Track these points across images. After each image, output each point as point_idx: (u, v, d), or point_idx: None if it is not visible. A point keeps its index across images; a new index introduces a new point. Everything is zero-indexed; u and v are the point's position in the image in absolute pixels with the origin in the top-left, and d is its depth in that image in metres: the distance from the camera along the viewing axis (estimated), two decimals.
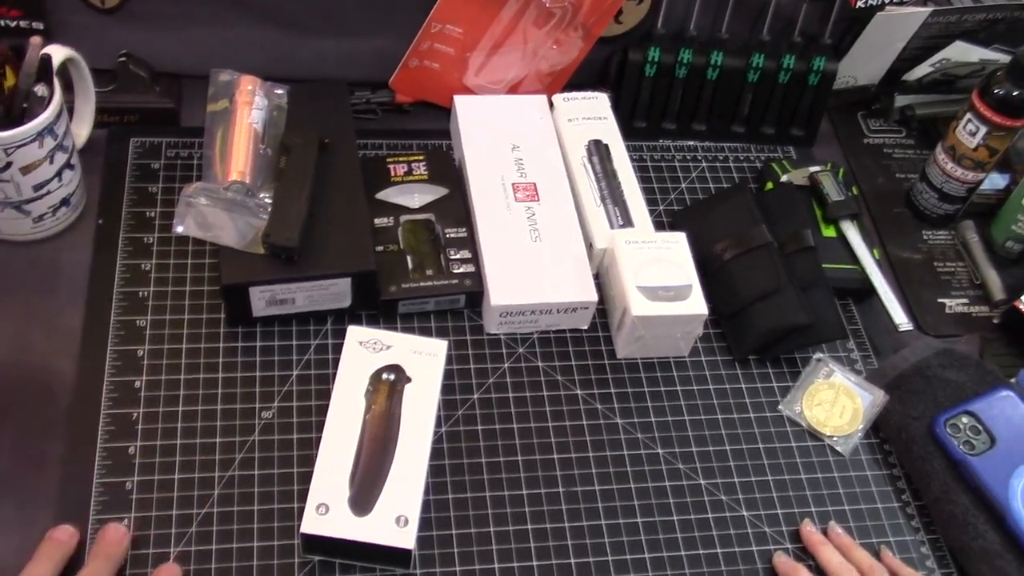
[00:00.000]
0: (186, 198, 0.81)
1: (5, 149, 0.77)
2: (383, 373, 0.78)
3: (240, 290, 0.80)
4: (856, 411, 0.86)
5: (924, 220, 1.03)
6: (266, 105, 0.88)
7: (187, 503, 0.74)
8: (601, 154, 0.95)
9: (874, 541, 0.81)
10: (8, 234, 0.85)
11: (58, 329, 0.81)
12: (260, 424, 0.79)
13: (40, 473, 0.74)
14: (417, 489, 0.72)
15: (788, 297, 0.86)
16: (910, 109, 1.11)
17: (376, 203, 0.89)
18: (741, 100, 1.04)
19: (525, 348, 0.87)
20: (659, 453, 0.82)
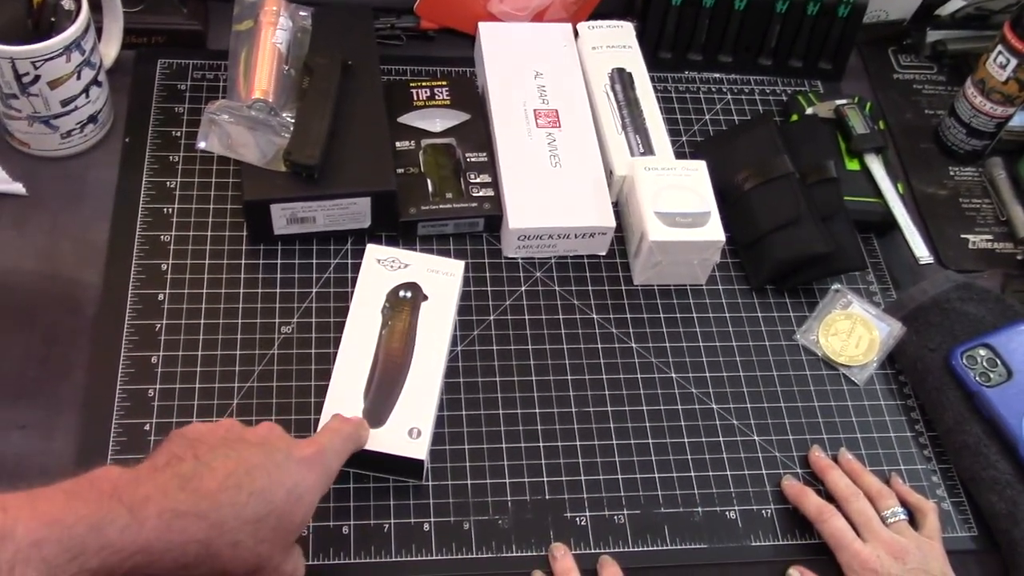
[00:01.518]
0: (209, 115, 0.82)
1: (33, 62, 0.78)
2: (400, 290, 0.79)
3: (261, 207, 0.81)
4: (872, 342, 0.86)
5: (951, 156, 1.02)
6: (290, 26, 0.88)
7: (207, 411, 0.76)
8: (624, 82, 0.95)
9: (885, 469, 0.81)
10: (37, 149, 0.86)
11: (85, 242, 0.83)
12: (279, 338, 0.80)
13: (66, 379, 0.76)
14: (431, 403, 0.74)
15: (807, 227, 0.86)
16: (942, 44, 1.09)
17: (398, 127, 0.90)
18: (769, 32, 1.03)
19: (542, 272, 0.87)
20: (673, 377, 0.83)
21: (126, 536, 0.52)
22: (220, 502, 0.56)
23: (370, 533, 0.72)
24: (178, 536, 0.54)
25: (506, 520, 0.74)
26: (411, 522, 0.73)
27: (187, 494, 0.55)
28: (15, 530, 0.49)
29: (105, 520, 0.51)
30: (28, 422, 0.74)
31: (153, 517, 0.53)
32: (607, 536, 0.75)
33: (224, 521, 0.55)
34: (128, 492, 0.53)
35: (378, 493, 0.74)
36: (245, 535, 0.56)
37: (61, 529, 0.50)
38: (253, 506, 0.56)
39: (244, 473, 0.57)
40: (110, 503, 0.52)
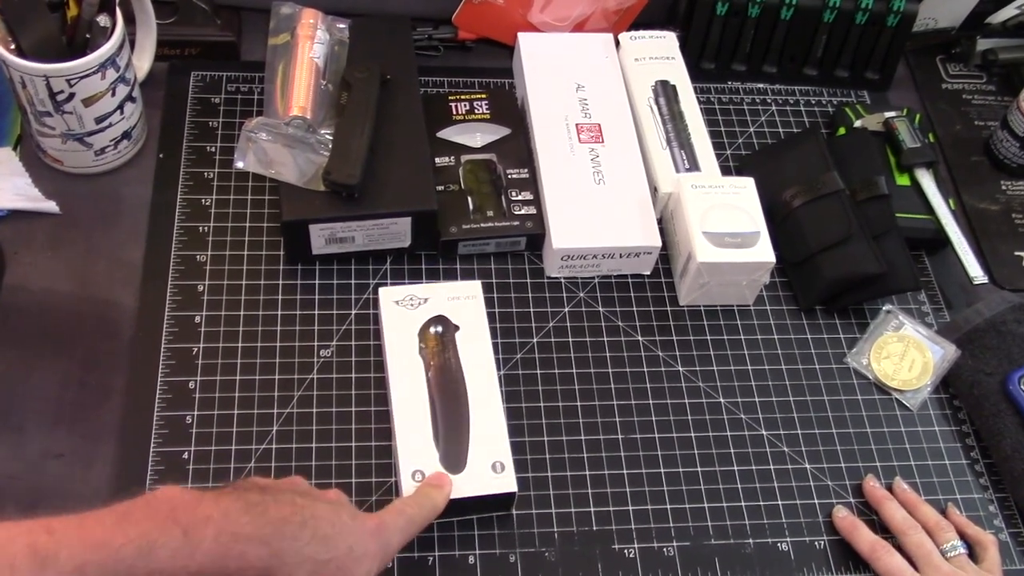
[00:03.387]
0: (247, 133, 0.80)
1: (68, 80, 0.77)
2: (430, 327, 0.77)
3: (300, 227, 0.79)
4: (926, 365, 0.84)
5: (1003, 170, 0.99)
6: (328, 40, 0.86)
7: (246, 438, 0.74)
8: (668, 95, 0.93)
9: (940, 498, 0.79)
10: (71, 166, 0.85)
11: (120, 262, 0.81)
12: (319, 362, 0.78)
13: (103, 405, 0.75)
14: (502, 431, 0.72)
15: (859, 246, 0.84)
16: (992, 53, 1.06)
17: (437, 142, 0.88)
18: (815, 41, 1.00)
19: (586, 292, 0.85)
20: (721, 402, 0.81)
21: (177, 560, 0.50)
22: (284, 533, 0.54)
23: (414, 565, 0.71)
24: (235, 562, 0.52)
25: (553, 552, 0.72)
26: (455, 554, 0.71)
27: (251, 517, 0.53)
28: (58, 554, 0.48)
29: (157, 543, 0.50)
30: (66, 450, 0.72)
31: (210, 539, 0.51)
32: (656, 569, 0.73)
33: (285, 552, 0.54)
34: (187, 512, 0.52)
35: None
36: (304, 573, 0.54)
37: (107, 552, 0.49)
38: (315, 547, 0.55)
39: (310, 516, 0.56)
40: (164, 524, 0.51)
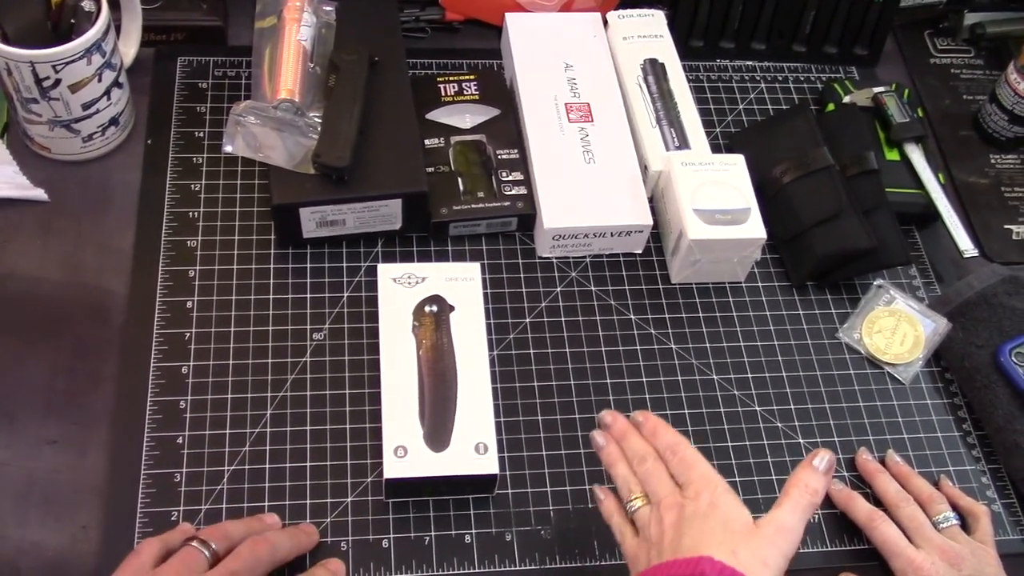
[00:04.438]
0: (235, 117, 0.80)
1: (54, 66, 0.76)
2: (425, 306, 0.77)
3: (290, 210, 0.79)
4: (918, 339, 0.84)
5: (992, 143, 1.00)
6: (315, 22, 0.86)
7: (240, 422, 0.74)
8: (657, 74, 0.93)
9: (933, 470, 0.79)
10: (59, 154, 0.84)
11: (110, 249, 0.81)
12: (311, 345, 0.78)
13: (96, 392, 0.74)
14: (488, 414, 0.72)
15: (850, 221, 0.84)
16: (980, 27, 1.06)
17: (426, 123, 0.88)
18: (803, 17, 1.00)
19: (578, 272, 0.85)
20: (714, 379, 0.81)
21: None
22: None
23: (411, 546, 0.71)
24: None
25: (548, 530, 0.73)
26: (452, 534, 0.72)
27: None
28: None
29: None
30: (59, 437, 0.72)
31: None
32: None
33: None
34: None
35: (418, 506, 0.72)
36: None
37: None
38: None
39: None
40: None
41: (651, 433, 0.64)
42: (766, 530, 0.57)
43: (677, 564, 0.55)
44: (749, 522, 0.57)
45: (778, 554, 0.56)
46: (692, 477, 0.60)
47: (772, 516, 0.58)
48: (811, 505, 0.59)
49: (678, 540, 0.57)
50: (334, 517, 0.71)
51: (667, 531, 0.58)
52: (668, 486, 0.60)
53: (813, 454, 0.60)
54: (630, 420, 0.65)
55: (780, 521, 0.57)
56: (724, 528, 0.56)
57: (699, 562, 0.54)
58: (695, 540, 0.56)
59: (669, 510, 0.59)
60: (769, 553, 0.56)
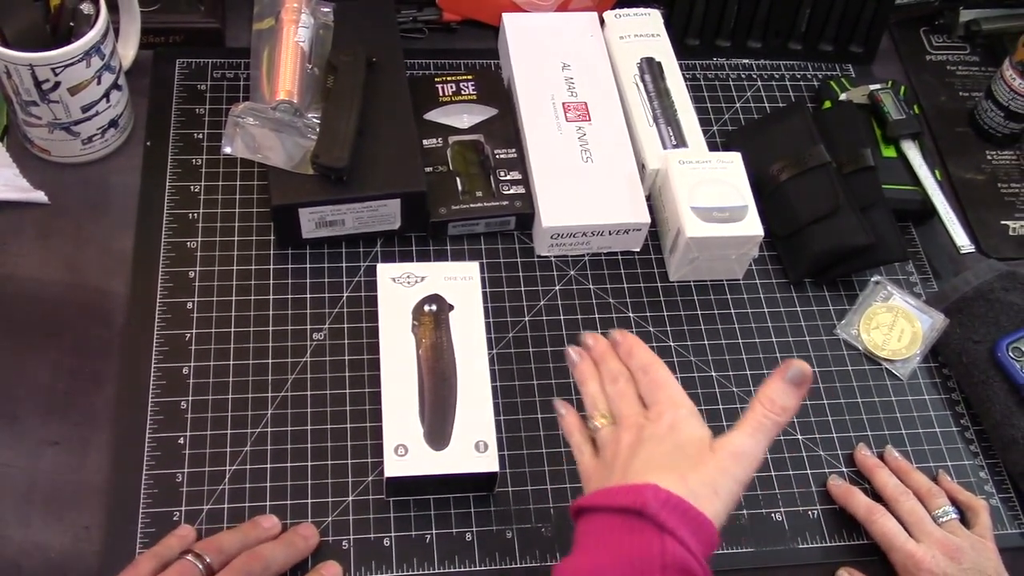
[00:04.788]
0: (234, 118, 0.80)
1: (53, 69, 0.76)
2: (424, 305, 0.77)
3: (290, 211, 0.79)
4: (915, 334, 0.84)
5: (988, 140, 1.00)
6: (312, 23, 0.86)
7: (241, 422, 0.74)
8: (654, 72, 0.93)
9: (931, 465, 0.79)
10: (58, 156, 0.85)
11: (110, 251, 0.81)
12: (312, 345, 0.79)
13: (97, 393, 0.75)
14: (488, 412, 0.72)
15: (847, 218, 0.84)
16: (976, 24, 1.06)
17: (424, 123, 0.88)
18: (799, 15, 1.00)
19: (576, 270, 0.86)
20: (713, 376, 0.81)
21: None
22: None
23: (412, 544, 0.71)
24: None
25: (549, 528, 0.73)
26: (452, 532, 0.72)
27: None
28: None
29: None
30: (61, 438, 0.73)
31: None
32: None
33: None
34: None
35: (419, 505, 0.73)
36: None
37: None
38: None
39: None
40: None
41: (627, 353, 0.62)
42: (721, 455, 0.54)
43: (620, 491, 0.53)
44: (706, 446, 0.55)
45: (731, 481, 0.53)
46: (659, 398, 0.58)
47: (729, 439, 0.55)
48: (776, 425, 0.55)
49: (629, 463, 0.54)
50: (335, 516, 0.71)
51: (621, 452, 0.56)
52: (634, 407, 0.59)
53: (785, 365, 0.56)
54: (609, 339, 0.64)
55: (737, 445, 0.54)
56: (677, 452, 0.54)
57: (642, 491, 0.51)
58: (645, 464, 0.54)
59: (628, 430, 0.57)
60: (721, 480, 0.53)
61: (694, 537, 0.50)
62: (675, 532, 0.50)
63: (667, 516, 0.50)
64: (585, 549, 0.53)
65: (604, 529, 0.52)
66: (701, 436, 0.55)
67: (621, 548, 0.50)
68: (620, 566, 0.50)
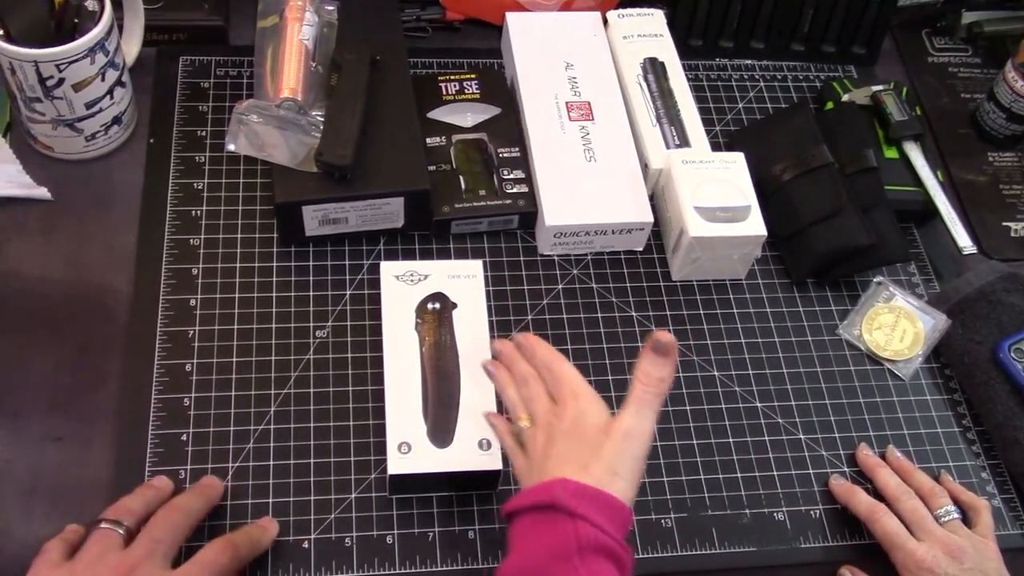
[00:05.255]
0: (238, 115, 0.80)
1: (57, 65, 0.76)
2: (428, 303, 0.77)
3: (293, 209, 0.79)
4: (917, 335, 0.84)
5: (990, 141, 1.00)
6: (316, 21, 0.86)
7: (244, 419, 0.74)
8: (657, 72, 0.93)
9: (933, 466, 0.79)
10: (62, 152, 0.85)
11: (113, 247, 0.81)
12: (315, 343, 0.79)
13: (100, 389, 0.75)
14: (492, 409, 0.72)
15: (849, 218, 0.84)
16: (978, 26, 1.07)
17: (428, 122, 0.88)
18: (801, 16, 1.00)
19: (579, 269, 0.86)
20: (715, 376, 0.81)
21: None
22: None
23: (415, 542, 0.71)
24: None
25: None
26: (455, 530, 0.72)
27: None
28: None
29: None
30: (64, 434, 0.73)
31: None
32: (655, 540, 0.73)
33: None
34: None
35: (421, 502, 0.73)
36: None
37: None
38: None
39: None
40: None
41: (531, 354, 0.65)
42: (613, 438, 0.58)
43: (535, 491, 0.57)
44: (602, 431, 0.58)
45: (628, 459, 0.57)
46: (563, 393, 0.62)
47: (618, 422, 0.59)
48: (658, 396, 0.59)
49: (543, 463, 0.59)
50: (338, 513, 0.71)
51: (538, 453, 0.60)
52: (545, 405, 0.62)
53: (649, 339, 0.59)
54: (513, 342, 0.67)
55: (626, 427, 0.58)
56: (580, 443, 0.58)
57: (551, 486, 0.56)
58: (555, 462, 0.58)
59: (542, 430, 0.61)
60: (618, 461, 0.57)
61: (605, 518, 0.55)
62: (586, 516, 0.54)
63: (576, 503, 0.54)
64: (515, 549, 0.57)
65: (527, 527, 0.57)
66: (598, 422, 0.59)
67: (542, 540, 0.55)
68: (543, 556, 0.54)
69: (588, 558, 0.53)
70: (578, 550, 0.53)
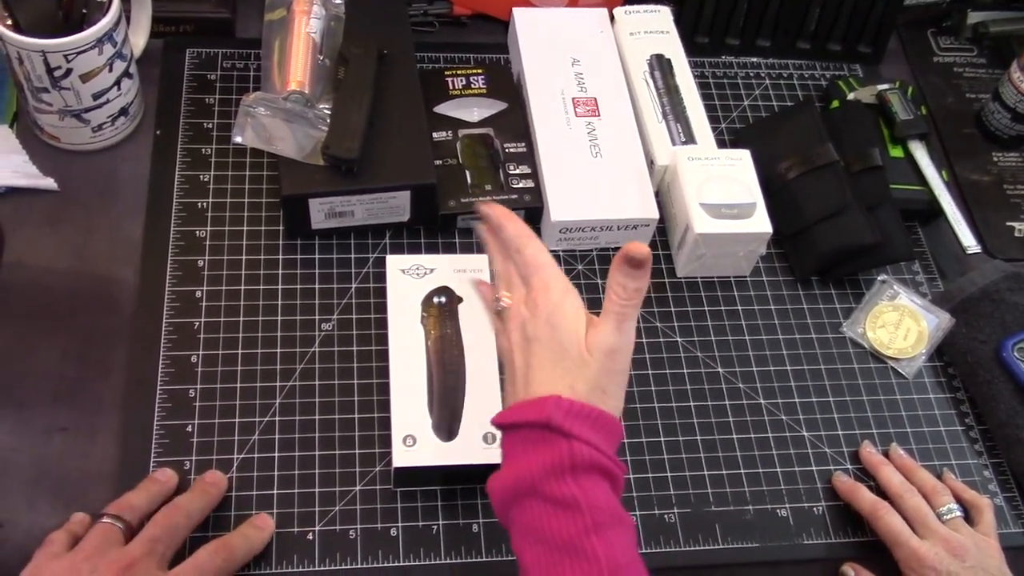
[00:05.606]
0: (245, 108, 0.80)
1: (65, 55, 0.76)
2: (433, 297, 0.77)
3: (299, 201, 0.79)
4: (921, 334, 0.84)
5: (995, 141, 1.00)
6: (324, 15, 0.86)
7: (250, 411, 0.75)
8: (663, 69, 0.93)
9: (936, 464, 0.80)
10: (68, 143, 0.85)
11: (119, 239, 0.81)
12: (320, 335, 0.79)
13: (105, 380, 0.75)
14: (496, 404, 0.72)
15: (854, 216, 0.84)
16: (983, 26, 1.07)
17: (434, 116, 0.88)
18: (808, 15, 1.01)
19: (584, 265, 0.86)
20: (719, 372, 0.82)
21: None
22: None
23: (419, 535, 0.71)
24: None
25: None
26: (459, 523, 0.72)
27: None
28: None
29: None
30: (69, 424, 0.73)
31: None
32: (658, 535, 0.73)
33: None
34: None
35: (426, 495, 0.73)
36: None
37: None
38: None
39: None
40: None
41: (497, 227, 0.63)
42: (597, 356, 0.57)
43: (527, 406, 0.57)
44: (583, 347, 0.57)
45: (615, 375, 0.58)
46: (533, 283, 0.60)
47: (600, 339, 0.58)
48: (635, 307, 0.58)
49: (527, 375, 0.58)
50: (343, 505, 0.72)
51: (516, 359, 0.59)
52: (519, 293, 0.61)
53: (624, 250, 0.58)
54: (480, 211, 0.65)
55: (607, 344, 0.57)
56: (563, 357, 0.57)
57: (544, 404, 0.56)
58: (541, 376, 0.58)
59: (515, 328, 0.60)
60: (605, 379, 0.57)
61: (598, 435, 0.55)
62: (580, 436, 0.55)
63: (571, 423, 0.55)
64: (508, 462, 0.58)
65: (520, 442, 0.57)
66: (577, 330, 0.58)
67: (536, 456, 0.55)
68: (537, 471, 0.55)
69: (581, 475, 0.54)
70: (571, 467, 0.54)
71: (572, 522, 0.53)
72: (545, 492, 0.54)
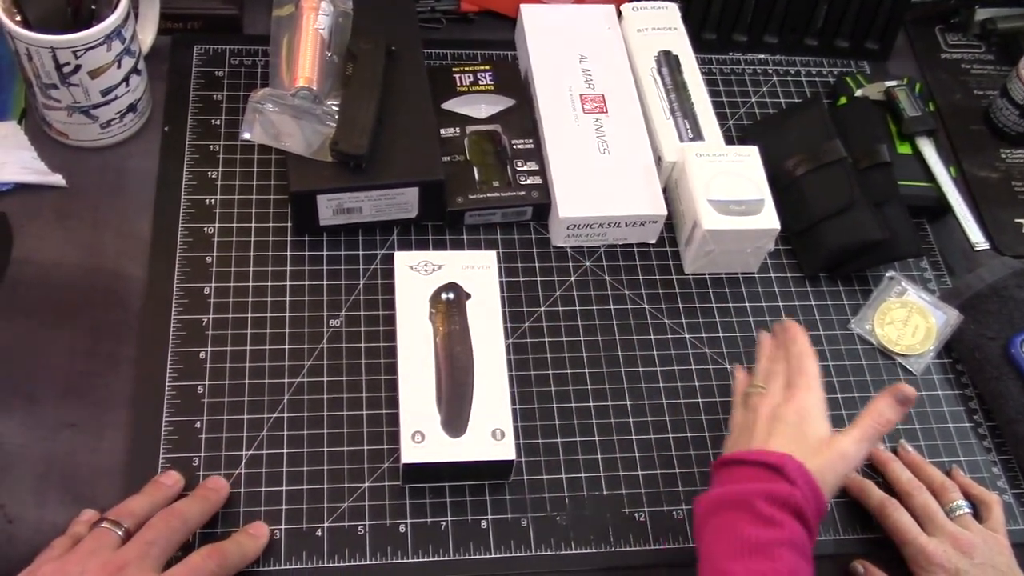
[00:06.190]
0: (253, 104, 0.81)
1: (74, 52, 0.76)
2: (442, 293, 0.77)
3: (308, 198, 0.79)
4: (929, 330, 0.84)
5: (1003, 138, 1.00)
6: (332, 11, 0.86)
7: (258, 408, 0.75)
8: (671, 66, 0.93)
9: (945, 460, 0.80)
10: (77, 140, 0.85)
11: (127, 235, 0.82)
12: (328, 332, 0.79)
13: (114, 375, 0.75)
14: (504, 400, 0.72)
15: (862, 213, 0.84)
16: (991, 23, 1.07)
17: (442, 113, 0.88)
18: (815, 11, 1.00)
19: (591, 261, 0.86)
20: (727, 369, 0.82)
21: None
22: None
23: (428, 531, 0.71)
24: None
25: (564, 516, 0.73)
26: (468, 519, 0.72)
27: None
28: None
29: None
30: (77, 420, 0.73)
31: None
32: (667, 532, 0.73)
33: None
34: None
35: (434, 492, 0.73)
36: None
37: None
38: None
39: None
40: None
41: (791, 339, 0.73)
42: (831, 453, 0.65)
43: (765, 452, 0.65)
44: (824, 442, 0.66)
45: (834, 475, 0.65)
46: (799, 383, 0.69)
47: (840, 442, 0.66)
48: (879, 434, 0.67)
49: (768, 434, 0.67)
50: (351, 502, 0.72)
51: (760, 422, 0.68)
52: (780, 384, 0.71)
53: (898, 387, 0.68)
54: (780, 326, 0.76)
55: (844, 449, 0.65)
56: (803, 439, 0.66)
57: (783, 456, 0.63)
58: (779, 440, 0.66)
59: (766, 405, 0.69)
60: (828, 474, 0.64)
61: (812, 502, 0.62)
62: (803, 489, 0.62)
63: (798, 476, 0.62)
64: (724, 483, 0.65)
65: (746, 473, 0.64)
66: (821, 433, 0.67)
67: (759, 484, 0.63)
68: (756, 492, 0.62)
69: (791, 512, 0.61)
70: (785, 503, 0.61)
71: (770, 534, 0.60)
72: (756, 508, 0.61)
